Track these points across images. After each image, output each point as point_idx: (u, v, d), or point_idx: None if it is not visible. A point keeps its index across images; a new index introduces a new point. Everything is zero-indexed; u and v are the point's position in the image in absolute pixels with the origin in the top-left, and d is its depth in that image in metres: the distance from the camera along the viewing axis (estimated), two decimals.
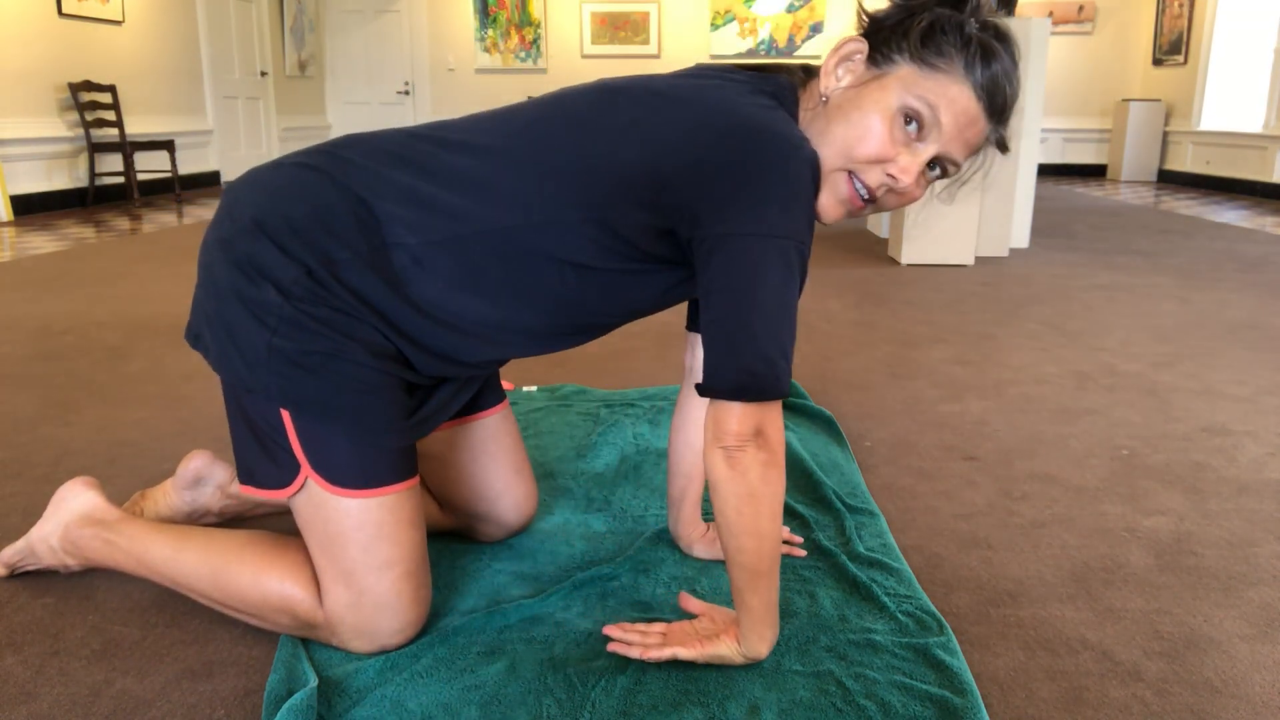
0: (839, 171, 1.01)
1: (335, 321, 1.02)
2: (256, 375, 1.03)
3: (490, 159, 1.04)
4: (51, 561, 1.27)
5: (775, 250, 0.94)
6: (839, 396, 2.15)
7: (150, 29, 6.95)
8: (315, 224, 1.03)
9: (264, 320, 1.02)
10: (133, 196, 6.28)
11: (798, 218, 0.96)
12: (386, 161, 1.06)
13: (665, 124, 0.99)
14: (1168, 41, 8.62)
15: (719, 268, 0.95)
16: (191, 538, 1.16)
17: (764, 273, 0.94)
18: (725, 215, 0.95)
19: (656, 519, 1.47)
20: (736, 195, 0.95)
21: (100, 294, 3.34)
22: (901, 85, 0.99)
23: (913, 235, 3.95)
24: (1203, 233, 5.11)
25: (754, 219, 0.94)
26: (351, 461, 1.05)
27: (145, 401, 2.10)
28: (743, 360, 0.94)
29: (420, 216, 1.03)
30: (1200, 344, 2.66)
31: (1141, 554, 1.39)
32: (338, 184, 1.05)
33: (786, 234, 0.94)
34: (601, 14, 9.25)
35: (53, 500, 1.27)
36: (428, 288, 1.05)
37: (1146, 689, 1.06)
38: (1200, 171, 8.09)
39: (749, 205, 0.94)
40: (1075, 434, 1.91)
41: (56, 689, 1.05)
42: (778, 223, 0.94)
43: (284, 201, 1.05)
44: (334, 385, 1.03)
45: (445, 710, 0.99)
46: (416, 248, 1.04)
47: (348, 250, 1.03)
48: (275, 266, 1.02)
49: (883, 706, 0.99)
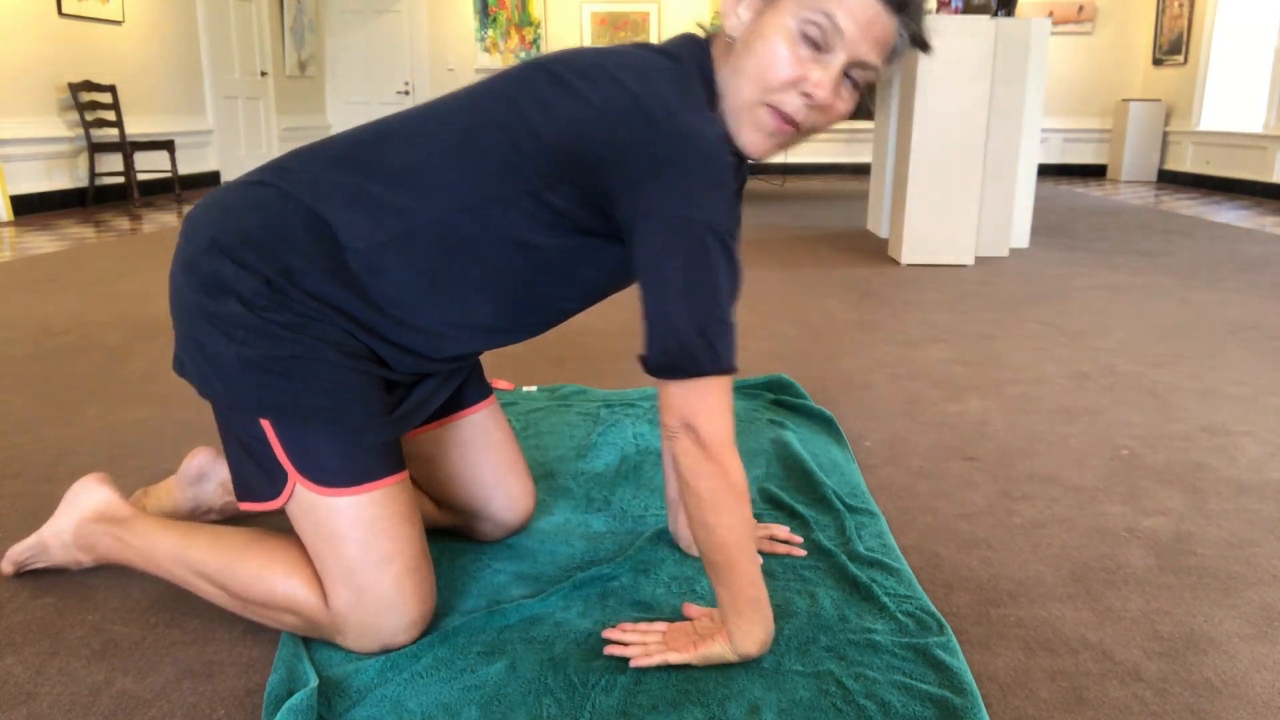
0: (759, 106, 1.01)
1: (300, 325, 1.04)
2: (233, 389, 1.05)
3: (426, 149, 1.05)
4: (63, 558, 1.27)
5: (686, 230, 0.95)
6: (839, 396, 2.15)
7: (150, 29, 6.95)
8: (269, 236, 1.05)
9: (231, 334, 1.04)
10: (133, 196, 6.28)
11: (711, 200, 0.96)
12: (331, 166, 1.07)
13: (582, 104, 1.00)
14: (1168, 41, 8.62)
15: (638, 249, 0.97)
16: (199, 535, 1.17)
17: (675, 253, 0.94)
18: (638, 197, 0.96)
19: (656, 519, 1.47)
20: (647, 177, 0.96)
21: (100, 294, 3.34)
22: (795, 3, 0.99)
23: (912, 235, 3.95)
24: (1203, 232, 5.11)
25: (664, 200, 0.95)
26: (336, 461, 1.05)
27: (145, 401, 2.10)
28: (661, 340, 0.95)
29: (367, 218, 1.05)
30: (1200, 344, 2.66)
31: (1141, 554, 1.39)
32: (288, 196, 1.07)
33: (696, 215, 0.95)
34: (601, 14, 9.25)
35: (66, 496, 1.28)
36: (385, 288, 1.06)
37: (1146, 689, 1.06)
38: (1200, 171, 8.09)
39: (658, 188, 0.95)
40: (1075, 434, 1.91)
41: (56, 689, 1.05)
42: (687, 204, 0.95)
43: (236, 218, 1.07)
44: (307, 387, 1.04)
45: (445, 710, 0.99)
46: (366, 251, 1.05)
47: (303, 258, 1.04)
48: (235, 280, 1.04)
49: (883, 706, 0.99)
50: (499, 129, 1.03)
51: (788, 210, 6.13)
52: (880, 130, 4.90)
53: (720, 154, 0.98)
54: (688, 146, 0.96)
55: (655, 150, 0.96)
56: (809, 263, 4.08)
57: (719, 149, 0.98)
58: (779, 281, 3.63)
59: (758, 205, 6.42)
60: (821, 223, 5.48)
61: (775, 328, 2.85)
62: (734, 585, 1.03)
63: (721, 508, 0.99)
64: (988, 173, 4.10)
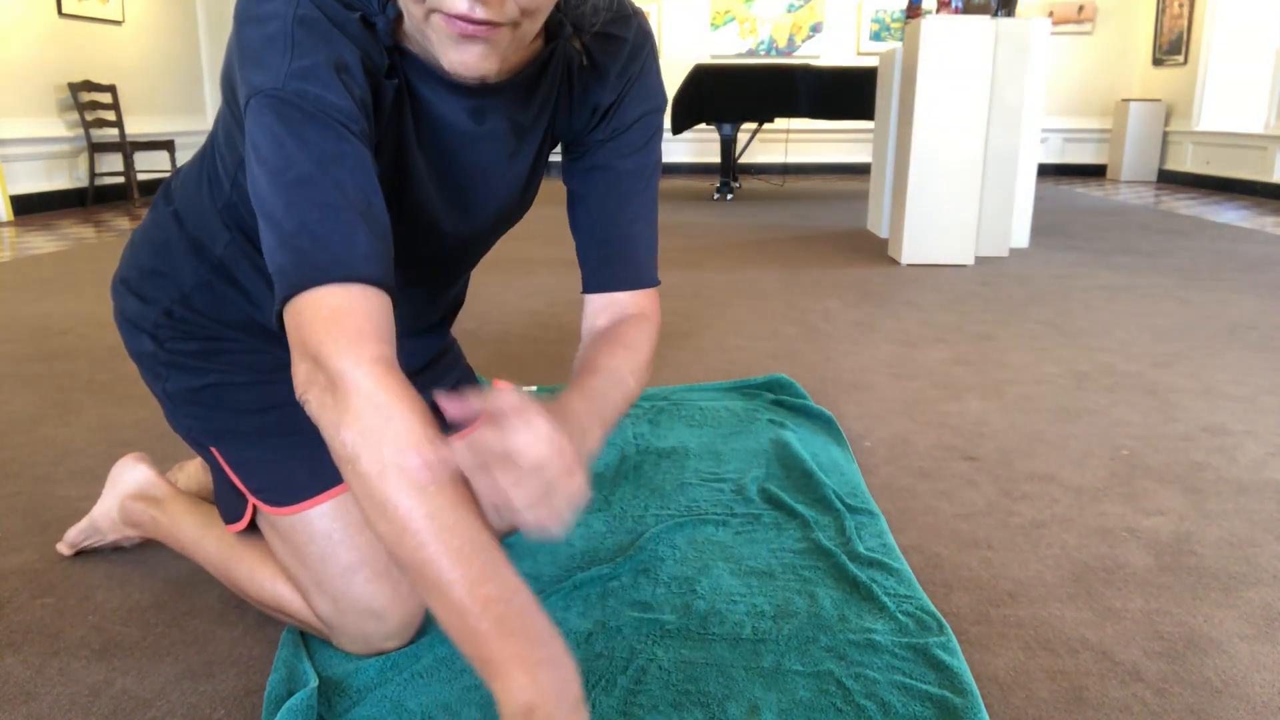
0: (430, 15, 0.77)
1: (209, 352, 1.05)
2: (177, 422, 1.08)
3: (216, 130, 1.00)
4: (115, 535, 1.32)
5: (256, 112, 0.75)
6: (839, 396, 2.15)
7: (150, 29, 6.95)
8: (160, 263, 1.05)
9: (155, 371, 1.07)
10: (133, 196, 6.28)
11: (274, 64, 0.75)
12: (194, 175, 1.06)
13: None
14: (1168, 41, 8.62)
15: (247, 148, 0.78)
16: (213, 525, 1.19)
17: (257, 144, 0.75)
18: (238, 90, 0.79)
19: (656, 519, 1.47)
20: (236, 72, 0.80)
21: (100, 294, 3.34)
22: None
23: (912, 235, 3.95)
24: (1203, 233, 5.11)
25: (242, 88, 0.78)
26: (280, 479, 1.05)
27: (145, 401, 2.10)
28: (271, 254, 0.74)
29: (212, 219, 1.03)
30: (1200, 344, 2.66)
31: (1141, 554, 1.39)
32: (172, 216, 1.06)
33: (263, 88, 0.75)
34: None
35: (109, 477, 1.33)
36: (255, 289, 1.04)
37: (1146, 689, 1.06)
38: (1200, 171, 8.08)
39: (240, 79, 0.78)
40: (1075, 434, 1.91)
41: (56, 689, 1.05)
42: (253, 80, 0.76)
43: (135, 251, 1.08)
44: (233, 411, 1.05)
45: (445, 710, 0.99)
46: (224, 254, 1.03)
47: (193, 277, 1.04)
48: (141, 317, 1.05)
49: (883, 706, 0.99)
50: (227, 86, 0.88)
51: (788, 210, 6.13)
52: (880, 130, 4.90)
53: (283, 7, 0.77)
54: (245, 14, 0.78)
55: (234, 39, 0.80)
56: (809, 263, 4.08)
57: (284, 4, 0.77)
58: (779, 281, 3.63)
59: (758, 205, 6.43)
60: (821, 223, 5.48)
61: (775, 328, 2.85)
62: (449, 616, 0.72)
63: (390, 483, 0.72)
64: (988, 173, 4.11)
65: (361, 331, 0.70)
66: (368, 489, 0.70)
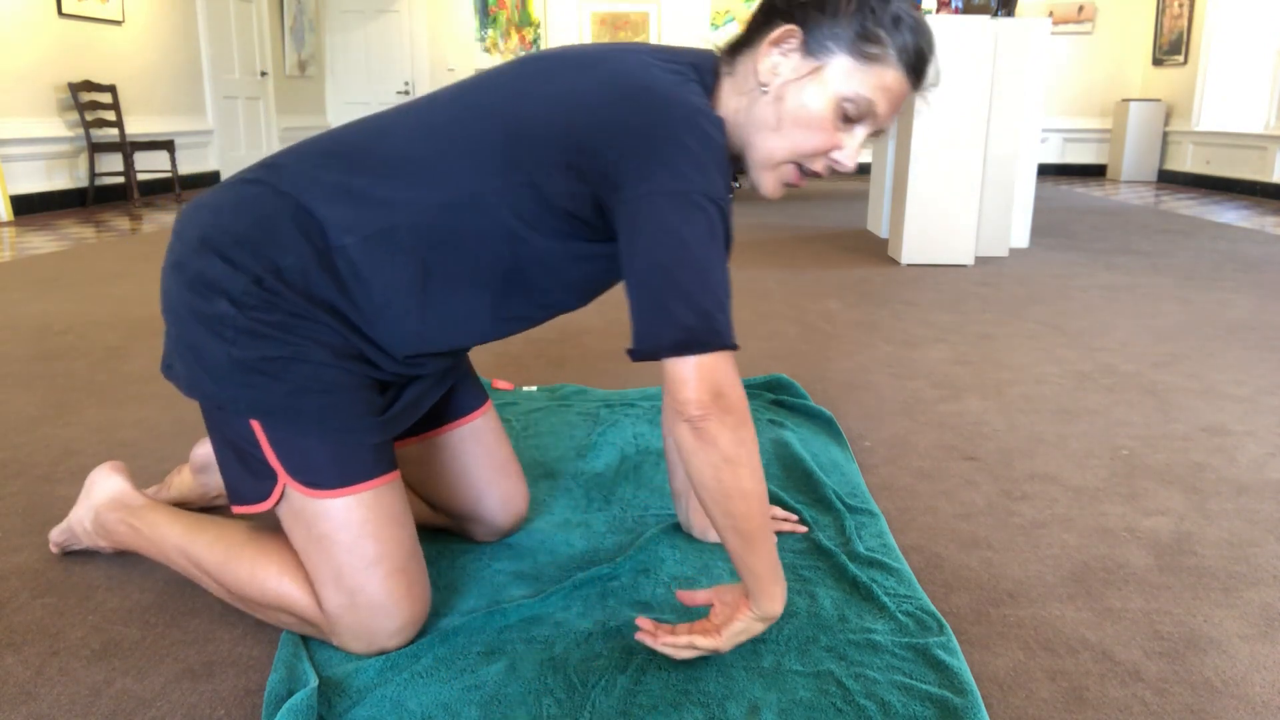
0: (786, 163, 1.05)
1: (291, 325, 1.04)
2: (224, 389, 1.05)
3: (416, 141, 1.05)
4: (89, 543, 1.32)
5: (695, 206, 0.95)
6: (839, 396, 2.15)
7: (150, 29, 6.95)
8: (259, 234, 1.04)
9: (221, 334, 1.03)
10: (133, 196, 6.28)
11: (713, 175, 0.97)
12: (319, 162, 1.07)
13: (580, 88, 1.00)
14: (1168, 41, 8.62)
15: (642, 227, 0.96)
16: (203, 529, 1.18)
17: (687, 228, 0.95)
18: (642, 175, 0.96)
19: (656, 519, 1.47)
20: (651, 156, 0.96)
21: (100, 294, 3.34)
22: (842, 79, 1.01)
23: (912, 235, 3.95)
24: (1203, 233, 5.11)
25: (670, 176, 0.95)
26: (325, 462, 1.05)
27: (145, 401, 2.10)
28: (675, 315, 0.94)
29: (354, 213, 1.04)
30: (1200, 344, 2.66)
31: (1141, 554, 1.39)
32: (278, 193, 1.06)
33: (704, 190, 0.96)
34: (601, 14, 9.25)
35: (85, 485, 1.33)
36: (372, 285, 1.06)
37: (1146, 689, 1.06)
38: (1200, 171, 8.08)
39: (664, 164, 0.96)
40: (1075, 434, 1.91)
41: (56, 689, 1.05)
42: (694, 179, 0.96)
43: (226, 217, 1.06)
44: (297, 388, 1.04)
45: (445, 710, 0.99)
46: (353, 247, 1.04)
47: (293, 256, 1.04)
48: (224, 279, 1.03)
49: (883, 706, 0.99)
50: (495, 118, 1.03)
51: (788, 210, 6.13)
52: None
53: (719, 134, 1.00)
54: (688, 123, 0.97)
55: (656, 128, 0.97)
56: (809, 263, 4.08)
57: (717, 129, 1.00)
58: (779, 281, 3.63)
59: (758, 205, 6.42)
60: (821, 223, 5.48)
61: (775, 328, 2.85)
62: (764, 551, 1.02)
63: (758, 471, 1.00)
64: (987, 173, 4.11)
65: (739, 379, 0.99)
66: (738, 475, 0.98)
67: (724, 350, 0.96)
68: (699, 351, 0.95)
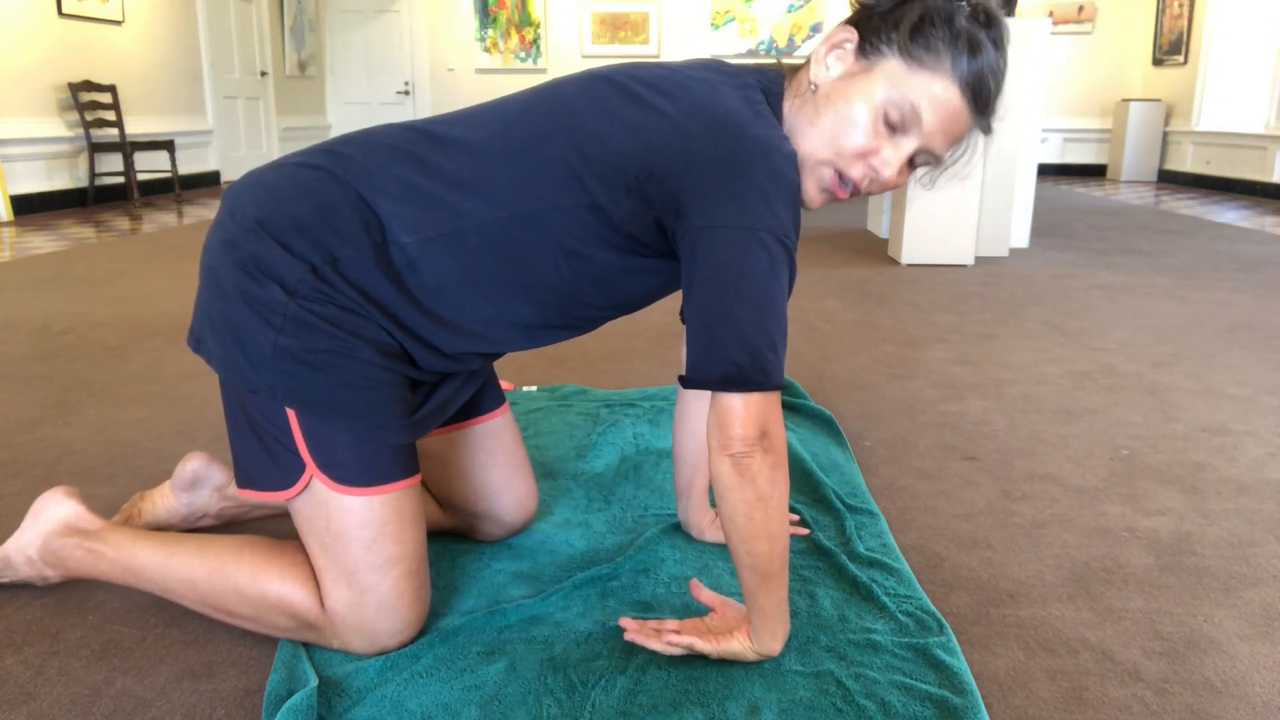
0: (825, 165, 1.03)
1: (341, 320, 1.02)
2: (262, 375, 1.03)
3: (485, 151, 1.04)
4: (29, 573, 1.23)
5: (758, 243, 0.94)
6: (839, 396, 2.15)
7: (150, 29, 6.95)
8: (319, 222, 1.03)
9: (269, 320, 1.02)
10: (133, 196, 6.28)
11: (781, 213, 0.96)
12: (386, 157, 1.06)
13: (653, 115, 1.00)
14: (1168, 41, 8.62)
15: (702, 259, 0.96)
16: (184, 542, 1.15)
17: (747, 264, 0.94)
18: (708, 208, 0.96)
19: (656, 518, 1.47)
20: (720, 189, 0.95)
21: (100, 294, 3.34)
22: (887, 80, 1.00)
23: (912, 235, 3.95)
24: (1203, 233, 5.11)
25: (737, 212, 0.95)
26: (357, 459, 1.04)
27: (145, 401, 2.10)
28: (727, 351, 0.94)
29: (417, 213, 1.04)
30: (1200, 344, 2.66)
31: (1141, 554, 1.39)
32: (339, 181, 1.05)
33: (770, 228, 0.95)
34: (601, 14, 9.25)
35: (31, 510, 1.23)
36: (427, 285, 1.06)
37: (1146, 689, 1.06)
38: (1200, 171, 8.09)
39: (731, 198, 0.95)
40: (1075, 434, 1.91)
41: (56, 689, 1.05)
42: (761, 216, 0.95)
43: (286, 200, 1.04)
44: (341, 382, 1.03)
45: (445, 710, 0.99)
46: (412, 246, 1.04)
47: (351, 247, 1.03)
48: (280, 265, 1.02)
49: (883, 706, 0.99)
50: (563, 137, 1.02)
51: None
52: None
53: (792, 171, 0.99)
54: (762, 159, 0.96)
55: (729, 161, 0.96)
56: (809, 263, 4.08)
57: (790, 165, 0.99)
58: None
59: None
60: (821, 222, 5.48)
61: None
62: (776, 593, 1.03)
63: (785, 514, 1.01)
64: (988, 173, 4.11)
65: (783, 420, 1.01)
66: (769, 516, 0.99)
67: (771, 391, 0.96)
68: (746, 390, 0.94)
